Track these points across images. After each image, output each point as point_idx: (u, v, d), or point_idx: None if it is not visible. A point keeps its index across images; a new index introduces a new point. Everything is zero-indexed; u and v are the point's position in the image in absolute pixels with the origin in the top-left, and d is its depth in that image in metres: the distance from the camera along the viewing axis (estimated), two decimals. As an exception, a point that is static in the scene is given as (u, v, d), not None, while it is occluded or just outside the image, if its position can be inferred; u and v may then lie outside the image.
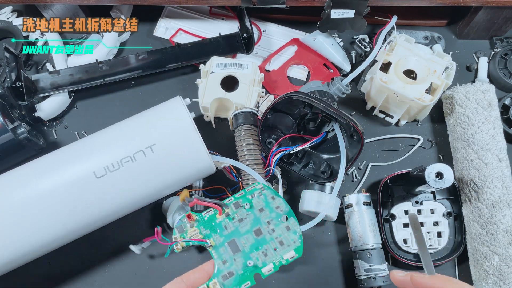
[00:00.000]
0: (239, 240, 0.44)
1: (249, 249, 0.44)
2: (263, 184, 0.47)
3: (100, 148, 0.60)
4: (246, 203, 0.46)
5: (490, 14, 0.74)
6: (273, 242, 0.44)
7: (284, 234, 0.45)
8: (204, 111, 0.73)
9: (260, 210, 0.46)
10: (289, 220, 0.46)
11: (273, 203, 0.46)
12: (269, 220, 0.45)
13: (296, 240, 0.45)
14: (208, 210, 0.46)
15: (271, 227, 0.45)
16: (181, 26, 0.80)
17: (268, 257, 0.44)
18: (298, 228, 0.45)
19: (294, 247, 0.44)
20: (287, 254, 0.44)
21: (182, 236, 0.45)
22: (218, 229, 0.45)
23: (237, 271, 0.43)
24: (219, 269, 0.43)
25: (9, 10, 0.83)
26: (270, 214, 0.46)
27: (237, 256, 0.44)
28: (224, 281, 0.42)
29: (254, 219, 0.46)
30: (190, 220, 0.46)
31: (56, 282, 0.67)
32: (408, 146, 0.74)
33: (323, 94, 0.69)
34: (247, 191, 0.47)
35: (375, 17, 0.78)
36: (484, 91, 0.68)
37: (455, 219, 0.67)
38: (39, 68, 0.81)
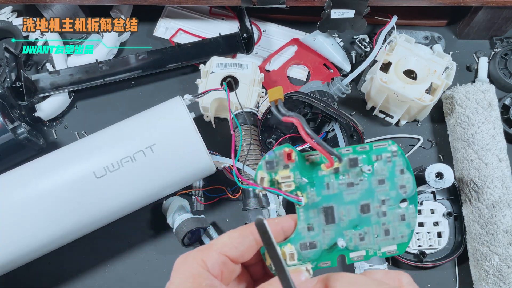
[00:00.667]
0: (338, 209, 0.34)
1: (347, 224, 0.34)
2: (398, 147, 0.35)
3: (100, 148, 0.60)
4: (366, 165, 0.34)
5: (490, 14, 0.74)
6: (377, 227, 0.34)
7: (394, 223, 0.34)
8: (204, 111, 0.73)
9: (380, 181, 0.34)
10: (408, 208, 0.35)
11: (399, 178, 0.34)
12: (384, 199, 0.34)
13: (405, 235, 0.35)
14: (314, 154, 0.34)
15: (384, 208, 0.34)
16: (181, 26, 0.80)
17: (363, 242, 0.34)
18: (414, 222, 0.35)
19: (399, 242, 0.35)
20: (388, 247, 0.35)
21: (270, 175, 0.33)
22: (318, 184, 0.34)
23: (321, 245, 0.34)
24: (301, 235, 0.33)
25: (9, 10, 0.83)
26: (390, 191, 0.34)
27: (328, 227, 0.34)
28: (302, 251, 0.33)
29: (368, 189, 0.34)
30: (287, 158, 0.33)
31: (56, 282, 0.67)
32: (408, 146, 0.74)
33: (323, 94, 0.69)
34: (374, 148, 0.34)
35: (375, 17, 0.78)
36: (484, 91, 0.68)
37: (455, 219, 0.67)
38: (39, 68, 0.81)
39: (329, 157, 0.33)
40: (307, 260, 0.33)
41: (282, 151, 0.33)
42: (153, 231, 0.69)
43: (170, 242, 0.68)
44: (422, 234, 0.65)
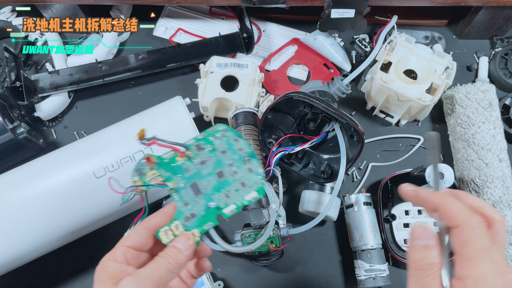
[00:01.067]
0: (201, 182, 0.43)
1: (211, 191, 0.43)
2: (226, 126, 0.45)
3: (100, 148, 0.60)
4: (208, 145, 0.45)
5: (490, 14, 0.73)
6: (235, 184, 0.43)
7: (246, 176, 0.44)
8: (204, 111, 0.73)
9: (223, 152, 0.44)
10: (251, 162, 0.44)
11: (235, 145, 0.45)
12: (231, 162, 0.44)
13: (258, 181, 0.44)
14: (168, 152, 0.45)
15: (234, 168, 0.44)
16: (181, 26, 0.80)
17: (230, 198, 0.43)
18: (260, 170, 0.44)
19: (256, 188, 0.43)
20: (249, 195, 0.43)
21: (141, 179, 0.43)
22: (179, 171, 0.44)
23: (199, 213, 0.42)
24: (181, 211, 0.42)
25: (8, 10, 0.83)
26: (233, 156, 0.44)
27: (199, 198, 0.43)
28: (186, 222, 0.42)
29: (217, 161, 0.44)
30: (149, 162, 0.43)
31: (56, 282, 0.67)
32: (408, 146, 0.73)
33: (323, 94, 0.69)
34: (209, 132, 0.45)
35: (375, 17, 0.78)
36: (484, 91, 0.68)
37: (455, 219, 0.67)
38: (38, 68, 0.81)
39: (177, 149, 0.44)
40: (192, 228, 0.42)
41: (144, 159, 0.43)
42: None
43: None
44: (422, 234, 0.65)
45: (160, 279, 0.37)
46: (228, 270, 0.67)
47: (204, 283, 0.63)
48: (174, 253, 0.38)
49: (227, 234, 0.68)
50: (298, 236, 0.67)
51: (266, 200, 0.62)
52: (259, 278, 0.66)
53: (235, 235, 0.63)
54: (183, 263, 0.39)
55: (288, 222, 0.67)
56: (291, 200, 0.70)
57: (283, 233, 0.61)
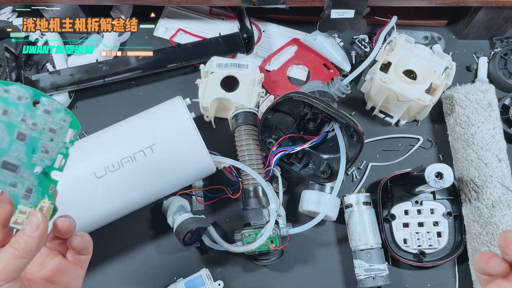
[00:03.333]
0: (9, 156, 0.37)
1: (27, 157, 0.37)
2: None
3: (100, 148, 0.60)
4: None
5: (490, 14, 0.74)
6: (44, 135, 0.38)
7: (48, 120, 0.38)
8: (204, 111, 0.73)
9: (4, 112, 0.36)
10: (43, 102, 0.37)
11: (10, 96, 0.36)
12: (22, 117, 0.37)
13: (64, 117, 0.38)
14: None
15: (30, 122, 0.37)
16: (181, 26, 0.81)
17: (51, 152, 0.38)
18: (58, 104, 0.38)
19: (68, 125, 0.38)
20: (67, 135, 0.38)
21: None
22: None
23: (33, 184, 0.37)
24: (15, 194, 0.37)
25: (9, 10, 0.83)
26: (18, 109, 0.37)
27: (21, 172, 0.37)
28: (28, 200, 0.37)
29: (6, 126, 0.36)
30: None
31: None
32: (408, 146, 0.74)
33: (323, 94, 0.69)
34: None
35: (375, 17, 0.78)
36: (484, 91, 0.68)
37: (455, 219, 0.67)
38: (39, 68, 0.81)
39: None
40: (38, 201, 0.38)
41: None
42: (153, 231, 0.69)
43: (170, 242, 0.68)
44: (422, 234, 0.65)
45: (5, 270, 0.34)
46: (228, 270, 0.67)
47: (204, 282, 0.63)
48: (22, 238, 0.35)
49: (227, 234, 0.68)
50: (298, 235, 0.67)
51: (266, 200, 0.62)
52: (259, 278, 0.67)
53: (235, 235, 0.63)
54: (33, 246, 0.35)
55: (288, 222, 0.67)
56: (291, 200, 0.70)
57: (283, 233, 0.62)
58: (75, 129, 0.39)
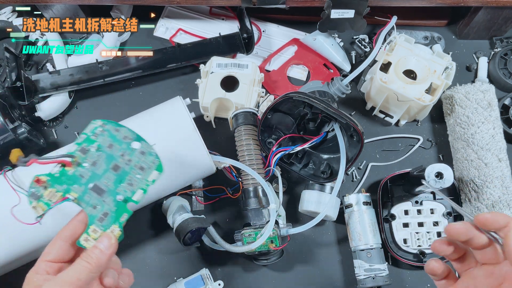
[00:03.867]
0: (101, 182, 0.44)
1: (114, 185, 0.44)
2: (101, 120, 0.46)
3: (100, 148, 0.60)
4: (92, 145, 0.45)
5: (490, 14, 0.74)
6: (134, 171, 0.44)
7: (141, 159, 0.45)
8: (204, 111, 0.73)
9: (109, 146, 0.45)
10: (141, 145, 0.45)
11: (119, 135, 0.45)
12: (122, 153, 0.45)
13: (154, 160, 0.45)
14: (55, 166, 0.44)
15: (127, 157, 0.45)
16: (181, 26, 0.81)
17: (134, 186, 0.44)
18: (151, 149, 0.45)
19: (155, 167, 0.45)
20: (151, 175, 0.45)
21: (40, 202, 0.43)
22: (75, 180, 0.43)
23: (110, 210, 0.43)
24: (93, 215, 0.43)
25: (9, 10, 0.83)
26: (121, 146, 0.45)
27: (104, 197, 0.43)
28: (102, 223, 0.42)
29: (107, 157, 0.44)
30: (40, 183, 0.43)
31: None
32: (408, 146, 0.74)
33: (323, 94, 0.69)
34: (88, 132, 0.45)
35: (375, 17, 0.78)
36: (484, 91, 0.68)
37: (455, 219, 0.67)
38: (39, 68, 0.81)
39: (63, 161, 0.43)
40: (110, 225, 0.42)
41: (33, 182, 0.42)
42: (153, 231, 0.69)
43: (170, 242, 0.68)
44: (422, 234, 0.65)
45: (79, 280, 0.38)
46: (228, 270, 0.67)
47: (204, 282, 0.63)
48: (95, 253, 0.39)
49: (227, 234, 0.68)
50: (298, 235, 0.67)
51: (266, 200, 0.62)
52: (259, 278, 0.67)
53: (235, 235, 0.63)
54: (103, 263, 0.39)
55: (288, 222, 0.67)
56: (291, 200, 0.70)
57: (283, 233, 0.62)
58: (160, 172, 0.45)
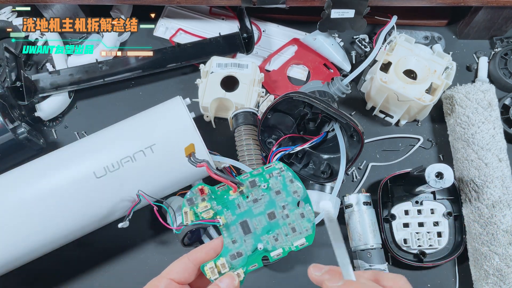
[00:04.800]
0: (251, 221, 0.43)
1: (261, 231, 0.43)
2: (283, 165, 0.45)
3: (100, 148, 0.60)
4: (263, 183, 0.44)
5: (490, 14, 0.74)
6: (285, 228, 0.43)
7: (297, 221, 0.43)
8: (204, 111, 0.73)
9: (277, 192, 0.44)
10: (305, 207, 0.44)
11: (290, 186, 0.44)
12: (284, 204, 0.43)
13: (309, 228, 0.43)
14: (222, 185, 0.44)
15: (286, 212, 0.43)
16: (181, 26, 0.80)
17: (278, 242, 0.42)
18: (313, 217, 0.43)
19: (306, 235, 0.43)
20: (298, 241, 0.43)
21: (192, 209, 0.43)
22: (231, 206, 0.43)
23: (246, 252, 0.42)
24: (228, 248, 0.42)
25: (9, 10, 0.83)
26: (286, 198, 0.44)
27: (247, 237, 0.42)
28: (232, 260, 0.41)
29: (269, 201, 0.43)
30: (202, 193, 0.43)
31: (55, 282, 0.67)
32: (408, 146, 0.74)
33: (323, 94, 0.69)
34: (265, 169, 0.44)
35: (375, 17, 0.78)
36: (484, 91, 0.68)
37: (455, 219, 0.67)
38: (39, 68, 0.81)
39: (232, 185, 0.43)
40: (238, 267, 0.41)
41: (197, 189, 0.43)
42: (153, 231, 0.69)
43: (170, 242, 0.68)
44: (422, 234, 0.65)
45: None
46: (228, 269, 0.67)
47: None
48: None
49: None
50: (298, 236, 0.67)
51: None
52: (259, 278, 0.66)
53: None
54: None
55: (288, 222, 0.67)
56: (291, 200, 0.70)
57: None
58: (307, 242, 0.43)
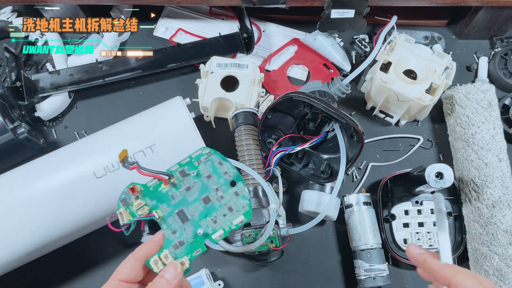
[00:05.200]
0: (188, 209, 0.43)
1: (198, 217, 0.43)
2: (210, 149, 0.45)
3: (100, 148, 0.60)
4: (192, 171, 0.44)
5: (490, 14, 0.74)
6: (222, 209, 0.44)
7: (233, 200, 0.44)
8: (204, 111, 0.73)
9: (208, 177, 0.44)
10: (238, 185, 0.44)
11: (220, 168, 0.44)
12: (217, 187, 0.44)
13: (245, 205, 0.44)
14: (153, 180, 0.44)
15: (220, 193, 0.44)
16: (181, 26, 0.80)
17: (217, 224, 0.43)
18: (247, 193, 0.44)
19: (243, 212, 0.44)
20: (237, 219, 0.43)
21: (128, 209, 0.44)
22: (165, 199, 0.44)
23: (187, 240, 0.43)
24: (169, 240, 0.42)
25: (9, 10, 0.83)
26: (218, 180, 0.44)
27: (186, 225, 0.43)
28: (175, 250, 0.42)
29: (202, 186, 0.44)
30: (134, 192, 0.43)
31: (55, 282, 0.67)
32: (408, 146, 0.74)
33: (323, 94, 0.69)
34: (193, 157, 0.45)
35: (375, 17, 0.78)
36: (484, 91, 0.68)
37: (455, 219, 0.67)
38: (39, 68, 0.81)
39: (161, 178, 0.44)
40: (182, 256, 0.42)
41: (127, 189, 0.43)
42: (153, 231, 0.69)
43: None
44: (422, 234, 0.65)
45: None
46: (228, 270, 0.67)
47: (204, 282, 0.63)
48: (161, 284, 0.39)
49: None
50: (298, 236, 0.67)
51: (266, 200, 0.62)
52: (259, 278, 0.66)
53: (235, 235, 0.63)
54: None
55: (288, 222, 0.67)
56: (291, 200, 0.70)
57: (283, 233, 0.62)
58: (246, 218, 0.44)
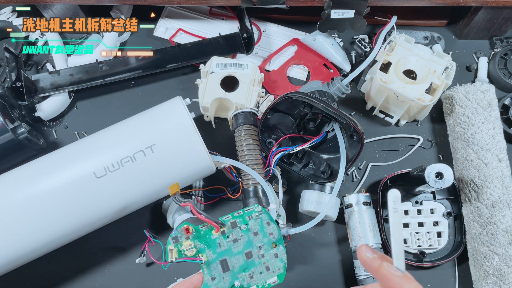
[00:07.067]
0: (230, 260, 0.47)
1: (238, 269, 0.47)
2: (262, 208, 0.50)
3: (100, 148, 0.60)
4: (243, 225, 0.49)
5: (490, 14, 0.74)
6: (260, 266, 0.48)
7: (271, 260, 0.48)
8: (204, 111, 0.73)
9: (255, 233, 0.49)
10: (278, 248, 0.48)
11: (267, 228, 0.49)
12: (261, 245, 0.48)
13: (281, 267, 0.48)
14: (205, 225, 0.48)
15: (262, 252, 0.48)
16: (181, 26, 0.81)
17: (253, 280, 0.47)
18: (285, 257, 0.48)
19: (278, 274, 0.48)
20: (271, 279, 0.48)
21: (177, 247, 0.47)
22: (213, 245, 0.48)
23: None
24: (207, 285, 0.46)
25: (9, 10, 0.83)
26: (263, 239, 0.48)
27: (226, 274, 0.47)
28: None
29: (248, 241, 0.48)
30: (187, 232, 0.47)
31: (55, 282, 0.67)
32: (408, 146, 0.74)
33: (323, 94, 0.69)
34: (246, 211, 0.49)
35: (375, 17, 0.78)
36: (484, 91, 0.68)
37: (455, 219, 0.67)
38: (39, 68, 0.81)
39: (215, 225, 0.47)
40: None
41: (182, 228, 0.47)
42: (153, 231, 0.69)
43: (170, 242, 0.68)
44: (422, 234, 0.65)
45: None
46: (228, 269, 0.67)
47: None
48: None
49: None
50: (298, 236, 0.67)
51: (266, 200, 0.62)
52: None
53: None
54: None
55: (288, 222, 0.67)
56: (291, 200, 0.70)
57: (283, 233, 0.61)
58: (279, 280, 0.48)
